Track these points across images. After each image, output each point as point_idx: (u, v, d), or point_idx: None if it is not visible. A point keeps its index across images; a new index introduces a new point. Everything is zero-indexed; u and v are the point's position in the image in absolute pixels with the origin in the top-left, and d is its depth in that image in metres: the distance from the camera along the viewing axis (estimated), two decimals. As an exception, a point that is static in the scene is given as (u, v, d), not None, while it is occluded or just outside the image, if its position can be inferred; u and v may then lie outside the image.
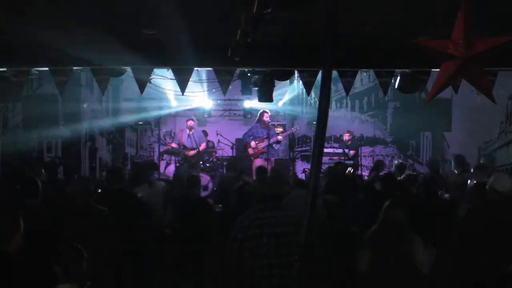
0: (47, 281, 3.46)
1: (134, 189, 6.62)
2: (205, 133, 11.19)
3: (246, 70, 8.21)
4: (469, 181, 6.55)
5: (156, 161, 11.71)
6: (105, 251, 4.51)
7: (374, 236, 4.12)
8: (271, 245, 3.71)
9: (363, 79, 13.29)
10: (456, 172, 7.92)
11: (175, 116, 12.71)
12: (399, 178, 7.60)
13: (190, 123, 10.60)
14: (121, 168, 6.40)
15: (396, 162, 9.46)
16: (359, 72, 8.62)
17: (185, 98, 10.62)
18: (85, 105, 12.09)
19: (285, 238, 3.73)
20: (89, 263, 3.53)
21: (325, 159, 10.41)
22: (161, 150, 11.74)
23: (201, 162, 10.65)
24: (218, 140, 11.70)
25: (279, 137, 10.69)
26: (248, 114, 12.71)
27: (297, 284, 2.22)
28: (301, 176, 12.33)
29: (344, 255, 5.23)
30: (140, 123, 12.32)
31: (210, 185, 10.19)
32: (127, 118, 12.64)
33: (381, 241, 4.04)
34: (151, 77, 8.17)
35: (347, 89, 8.22)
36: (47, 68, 7.47)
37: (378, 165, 8.81)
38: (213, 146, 11.57)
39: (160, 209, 6.49)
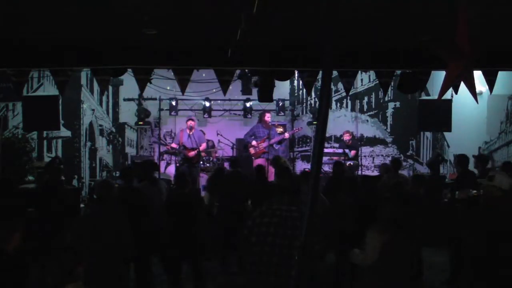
0: (45, 280, 3.47)
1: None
2: (202, 133, 11.18)
3: (246, 70, 8.22)
4: None
5: (156, 161, 11.69)
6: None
7: (374, 232, 4.15)
8: (269, 235, 3.88)
9: (363, 79, 13.30)
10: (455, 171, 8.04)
11: (175, 116, 12.71)
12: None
13: (190, 123, 10.59)
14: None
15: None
16: (359, 72, 8.62)
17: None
18: (85, 105, 12.10)
19: (285, 231, 3.86)
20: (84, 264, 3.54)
21: (325, 159, 10.41)
22: (161, 150, 11.73)
23: (201, 162, 10.65)
24: (218, 140, 11.70)
25: (286, 135, 10.70)
26: (248, 114, 12.72)
27: (297, 281, 2.23)
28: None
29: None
30: (140, 123, 12.31)
31: (210, 185, 10.18)
32: (127, 118, 12.67)
33: (384, 236, 4.07)
34: (151, 77, 8.17)
35: (347, 89, 8.22)
36: (47, 68, 7.46)
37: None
38: (213, 146, 11.57)
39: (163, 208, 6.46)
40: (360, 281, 4.42)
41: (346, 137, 11.15)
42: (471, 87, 4.04)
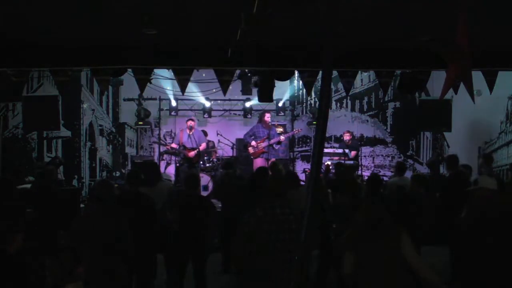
0: (46, 280, 3.47)
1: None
2: (205, 133, 11.20)
3: (246, 70, 8.21)
4: None
5: (156, 161, 11.70)
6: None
7: (356, 237, 3.98)
8: (271, 235, 3.85)
9: (363, 79, 13.31)
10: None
11: (175, 116, 12.72)
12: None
13: (190, 123, 10.59)
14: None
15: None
16: (359, 72, 8.62)
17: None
18: (85, 105, 12.10)
19: (279, 235, 3.85)
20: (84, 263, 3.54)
21: (325, 159, 10.42)
22: (161, 150, 11.73)
23: (201, 162, 10.65)
24: (218, 140, 11.70)
25: (281, 138, 10.70)
26: (248, 114, 12.73)
27: (297, 281, 2.23)
28: (301, 176, 12.35)
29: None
30: (140, 123, 12.32)
31: (210, 185, 10.18)
32: (127, 118, 12.68)
33: (365, 240, 3.91)
34: (151, 77, 8.16)
35: (347, 89, 8.23)
36: (47, 68, 7.46)
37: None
38: (213, 146, 11.57)
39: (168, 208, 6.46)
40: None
41: (346, 137, 11.15)
42: (470, 87, 4.07)
